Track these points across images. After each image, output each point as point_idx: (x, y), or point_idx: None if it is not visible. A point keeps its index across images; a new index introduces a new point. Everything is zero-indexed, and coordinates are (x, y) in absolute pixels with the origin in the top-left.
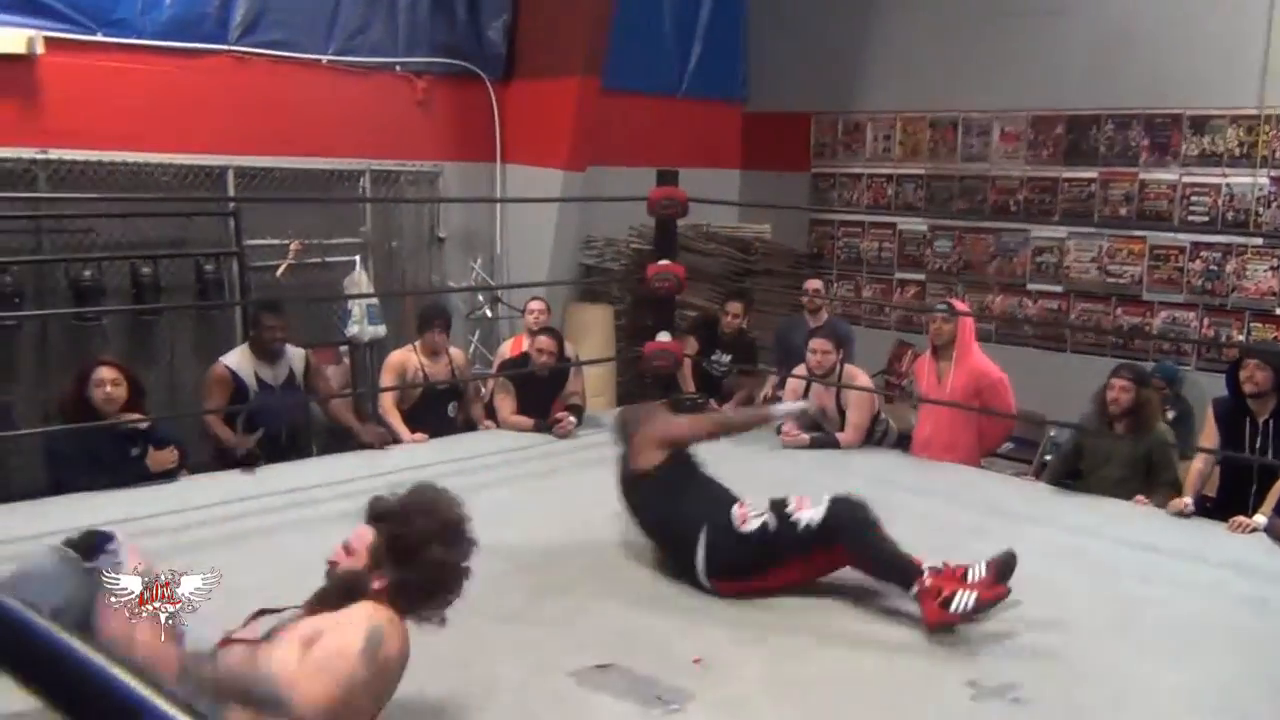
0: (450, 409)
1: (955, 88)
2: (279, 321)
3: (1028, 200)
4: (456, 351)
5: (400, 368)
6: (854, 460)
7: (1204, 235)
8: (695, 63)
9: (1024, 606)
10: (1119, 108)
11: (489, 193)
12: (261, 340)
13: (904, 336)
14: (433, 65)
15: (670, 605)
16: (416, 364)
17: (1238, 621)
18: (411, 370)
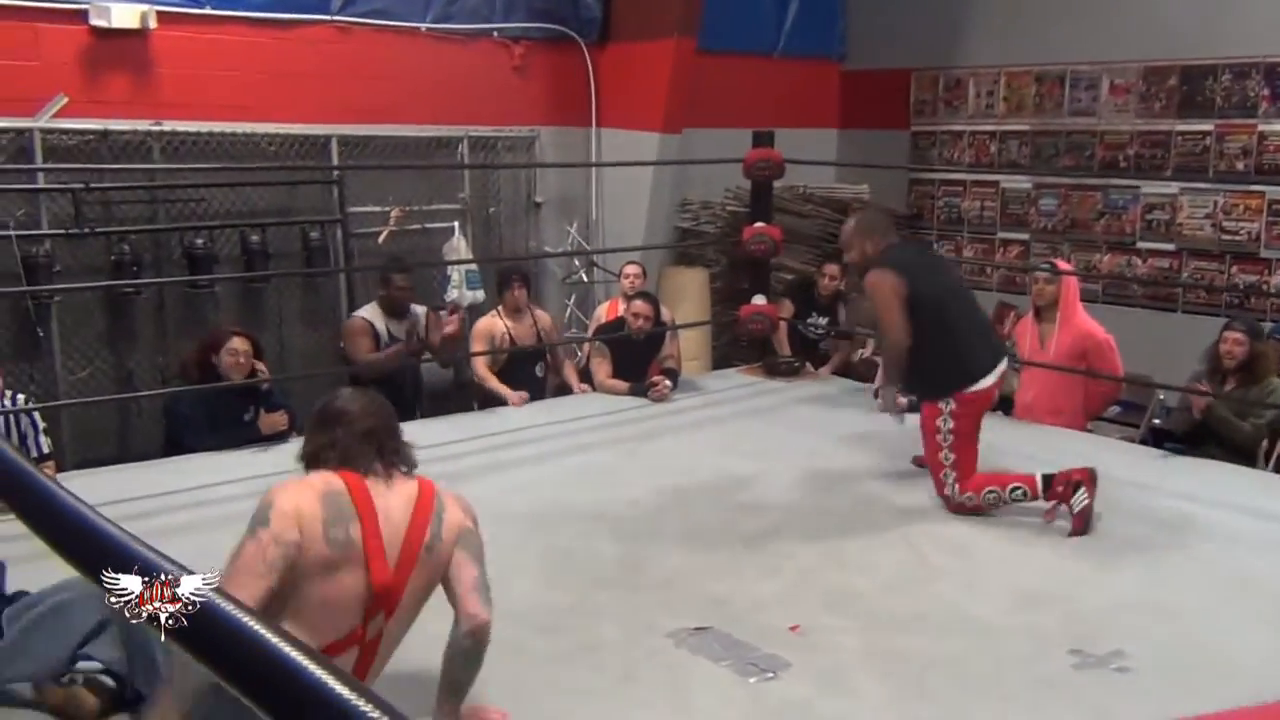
0: (538, 369)
1: (1062, 39)
2: (408, 281)
3: (1138, 155)
4: (541, 313)
5: (488, 333)
6: None
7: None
8: (792, 21)
9: (1129, 574)
10: (1237, 56)
11: (584, 157)
12: (392, 298)
13: (1006, 298)
14: (529, 30)
15: (767, 572)
16: (503, 327)
17: None
18: (499, 334)
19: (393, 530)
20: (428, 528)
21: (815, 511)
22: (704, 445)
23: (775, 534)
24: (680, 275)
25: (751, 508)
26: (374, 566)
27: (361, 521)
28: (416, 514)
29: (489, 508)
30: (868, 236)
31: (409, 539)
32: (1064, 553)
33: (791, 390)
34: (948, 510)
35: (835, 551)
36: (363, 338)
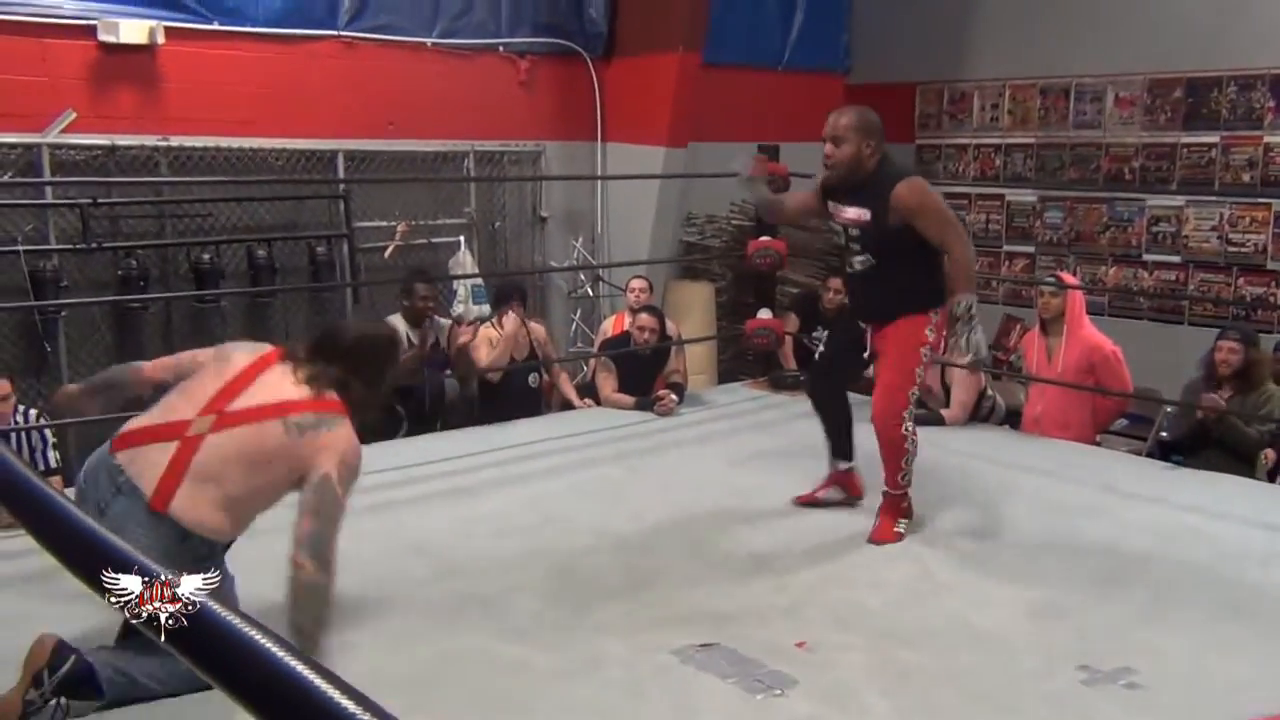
0: (531, 379)
1: (1067, 52)
2: (431, 291)
3: (1144, 168)
4: (535, 325)
5: (485, 341)
6: (960, 438)
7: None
8: (797, 34)
9: (1140, 588)
10: (1242, 68)
11: (590, 171)
12: (415, 309)
13: (1012, 311)
14: (535, 45)
15: (774, 587)
16: (497, 336)
17: None
18: (494, 346)
19: (262, 390)
20: (284, 417)
21: (822, 526)
22: (710, 460)
23: (782, 549)
24: (686, 289)
25: (758, 522)
26: (229, 387)
27: (251, 364)
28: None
29: (494, 523)
30: (868, 136)
31: (266, 405)
32: (1072, 567)
33: (797, 404)
34: (881, 433)
35: (842, 566)
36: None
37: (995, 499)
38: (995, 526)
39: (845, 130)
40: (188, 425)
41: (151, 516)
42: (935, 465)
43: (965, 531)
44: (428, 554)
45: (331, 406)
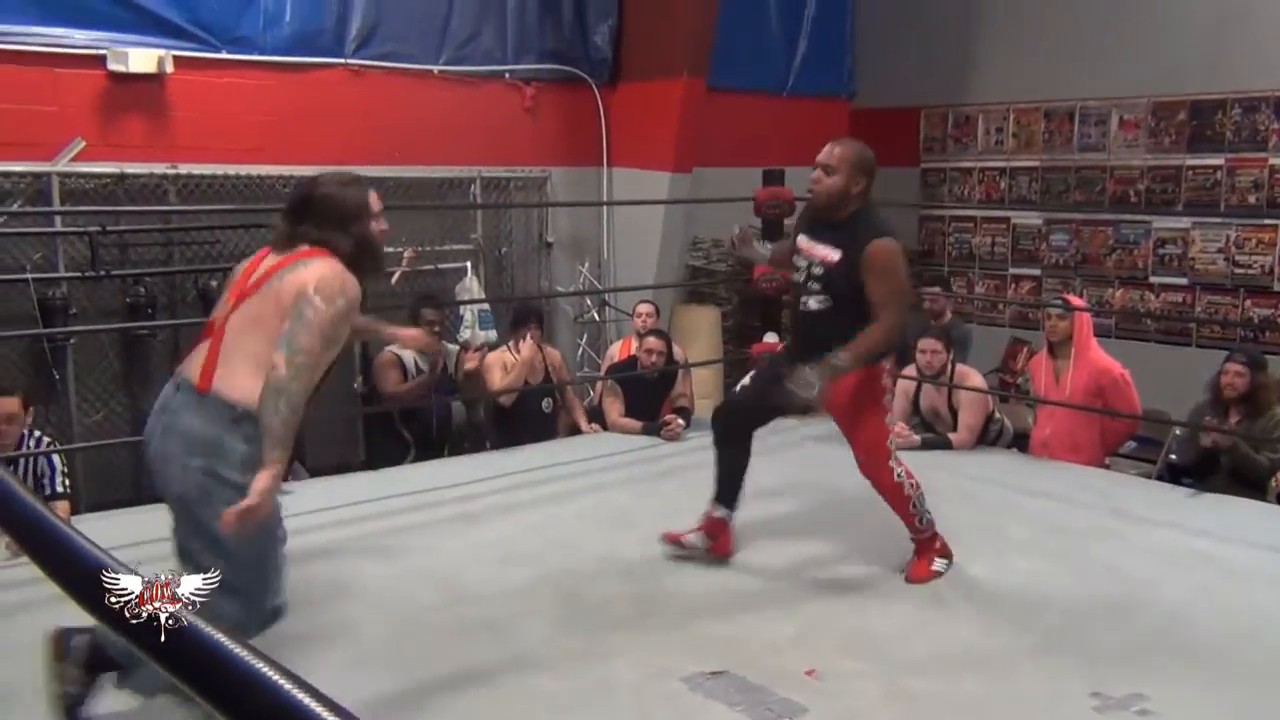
0: (544, 404)
1: (1070, 75)
2: (438, 315)
3: (1149, 190)
4: (551, 350)
5: (499, 364)
6: (967, 461)
7: None
8: (801, 59)
9: (1150, 613)
10: (1246, 90)
11: (596, 197)
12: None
13: (1019, 334)
14: (540, 72)
15: (784, 614)
16: (513, 360)
17: None
18: (507, 370)
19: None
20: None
21: (830, 551)
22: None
23: (790, 575)
24: (692, 313)
25: (766, 547)
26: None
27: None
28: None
29: (501, 548)
30: (860, 173)
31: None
32: (1082, 592)
33: (804, 428)
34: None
35: (851, 592)
36: (391, 370)
37: (1004, 523)
38: (1004, 551)
39: (839, 161)
40: (215, 320)
41: (200, 399)
42: (943, 489)
43: (974, 556)
44: (436, 579)
45: (308, 254)
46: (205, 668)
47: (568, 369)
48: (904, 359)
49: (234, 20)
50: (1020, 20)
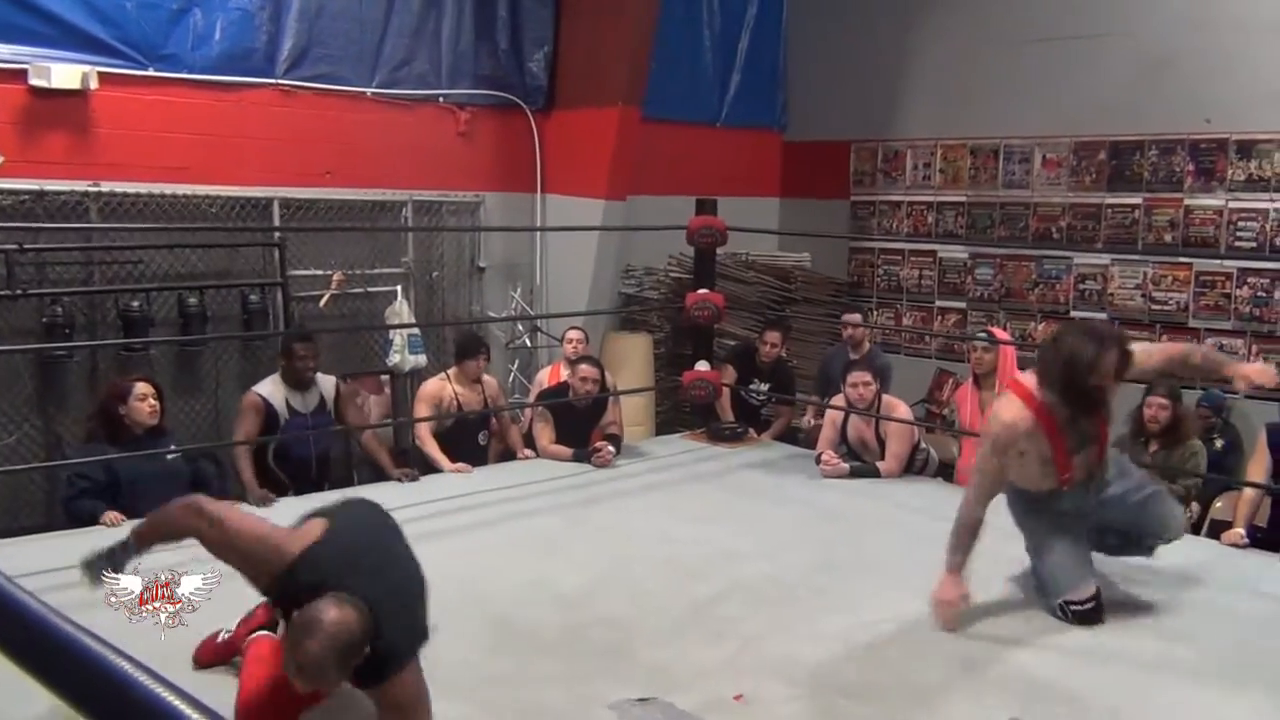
0: (481, 437)
1: (996, 114)
2: (310, 350)
3: (1070, 227)
4: (490, 379)
5: (435, 397)
6: (895, 490)
7: (1251, 261)
8: (735, 92)
9: (1072, 636)
10: (1163, 133)
11: (529, 223)
12: (294, 369)
13: (945, 365)
14: (475, 97)
15: (712, 639)
16: (451, 393)
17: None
18: (447, 399)
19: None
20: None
21: (760, 577)
22: (647, 511)
23: (720, 600)
24: (624, 341)
25: (695, 574)
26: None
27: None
28: None
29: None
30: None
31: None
32: (1005, 618)
33: (734, 456)
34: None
35: (781, 618)
36: (251, 416)
37: (930, 550)
38: (930, 577)
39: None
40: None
41: None
42: (871, 517)
43: (901, 583)
44: None
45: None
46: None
47: (505, 398)
48: (830, 390)
49: (162, 38)
50: (948, 60)
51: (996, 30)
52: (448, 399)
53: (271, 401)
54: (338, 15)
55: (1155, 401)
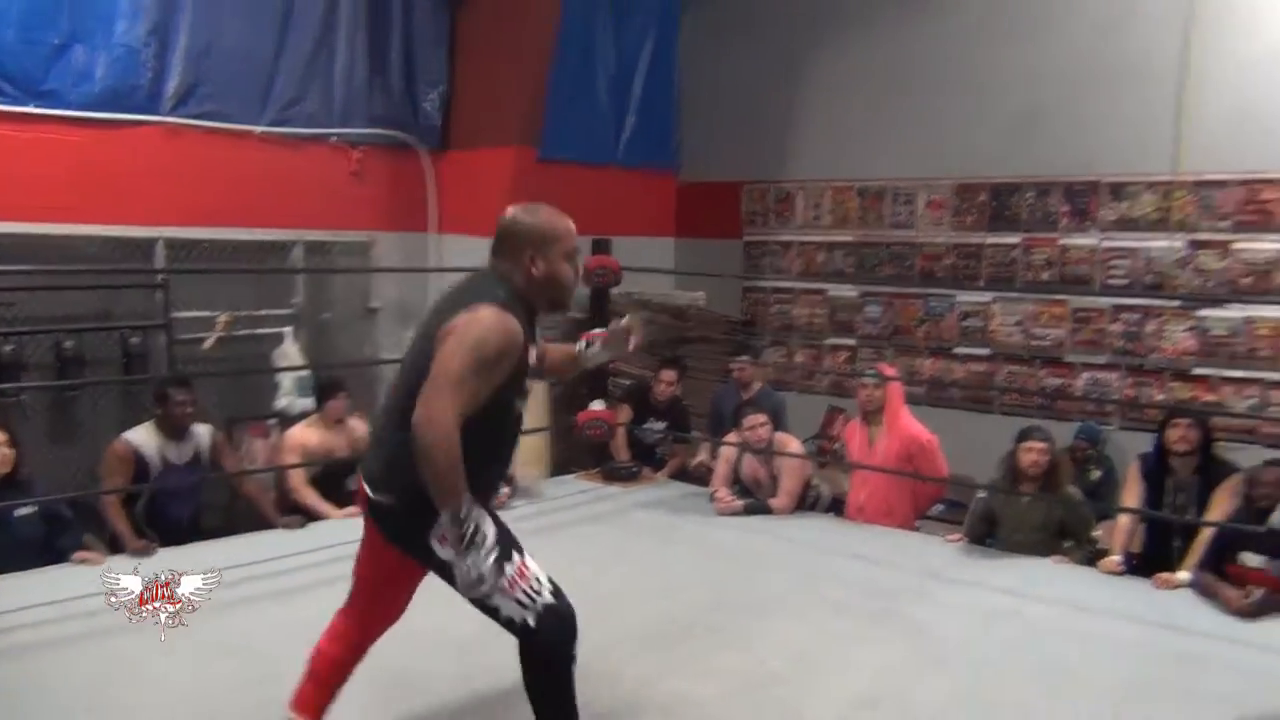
0: (350, 482)
1: (882, 157)
2: (187, 396)
3: (954, 266)
4: (356, 422)
5: (299, 444)
6: (788, 526)
7: (1123, 298)
8: (630, 133)
9: (958, 671)
10: (1039, 176)
11: (424, 263)
12: (170, 416)
13: (836, 402)
14: (368, 136)
15: (606, 681)
16: (317, 439)
17: (1169, 678)
18: (312, 446)
19: None
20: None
21: (654, 617)
22: (541, 553)
23: (614, 642)
24: None
25: (589, 615)
26: None
27: None
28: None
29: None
30: None
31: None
32: (897, 651)
33: (630, 495)
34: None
35: (675, 658)
36: (118, 467)
37: (822, 585)
38: (823, 612)
39: None
40: None
41: None
42: (764, 553)
43: (794, 618)
44: (245, 659)
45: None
46: None
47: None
48: (722, 428)
49: (41, 73)
50: (836, 104)
51: (882, 76)
52: (313, 445)
53: (143, 451)
54: (226, 53)
55: (1036, 447)
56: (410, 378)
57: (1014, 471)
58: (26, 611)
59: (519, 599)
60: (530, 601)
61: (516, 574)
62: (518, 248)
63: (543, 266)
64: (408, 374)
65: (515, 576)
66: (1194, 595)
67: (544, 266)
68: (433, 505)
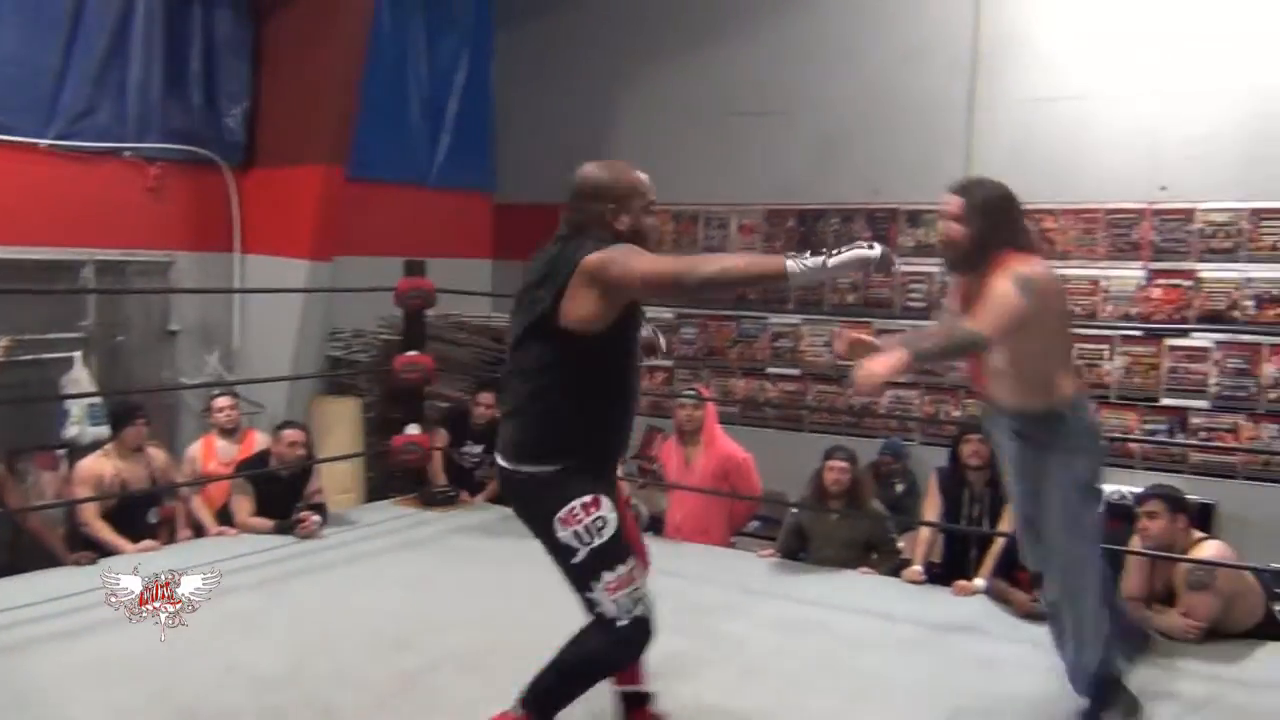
0: (151, 514)
1: (695, 182)
2: None
3: (765, 289)
4: (156, 451)
5: (94, 475)
6: None
7: (922, 320)
8: (444, 153)
9: (774, 682)
10: (843, 202)
11: (226, 284)
12: None
13: (654, 422)
14: (166, 151)
15: (424, 711)
16: (113, 470)
17: (967, 680)
18: (108, 477)
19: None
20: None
21: (474, 644)
22: (356, 582)
23: (432, 670)
24: (331, 405)
25: (406, 644)
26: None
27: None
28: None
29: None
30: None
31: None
32: (710, 668)
33: (448, 520)
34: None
35: (493, 681)
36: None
37: None
38: None
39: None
40: None
41: None
42: None
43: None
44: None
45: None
46: None
47: (176, 468)
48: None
49: None
50: (650, 130)
51: (692, 103)
52: (109, 476)
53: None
54: (7, 60)
55: (836, 465)
56: (525, 340)
57: (820, 489)
58: None
59: (617, 601)
60: (630, 607)
61: (623, 579)
62: (598, 203)
63: (627, 221)
64: (521, 338)
65: (621, 580)
66: (989, 601)
67: (628, 220)
68: (563, 483)
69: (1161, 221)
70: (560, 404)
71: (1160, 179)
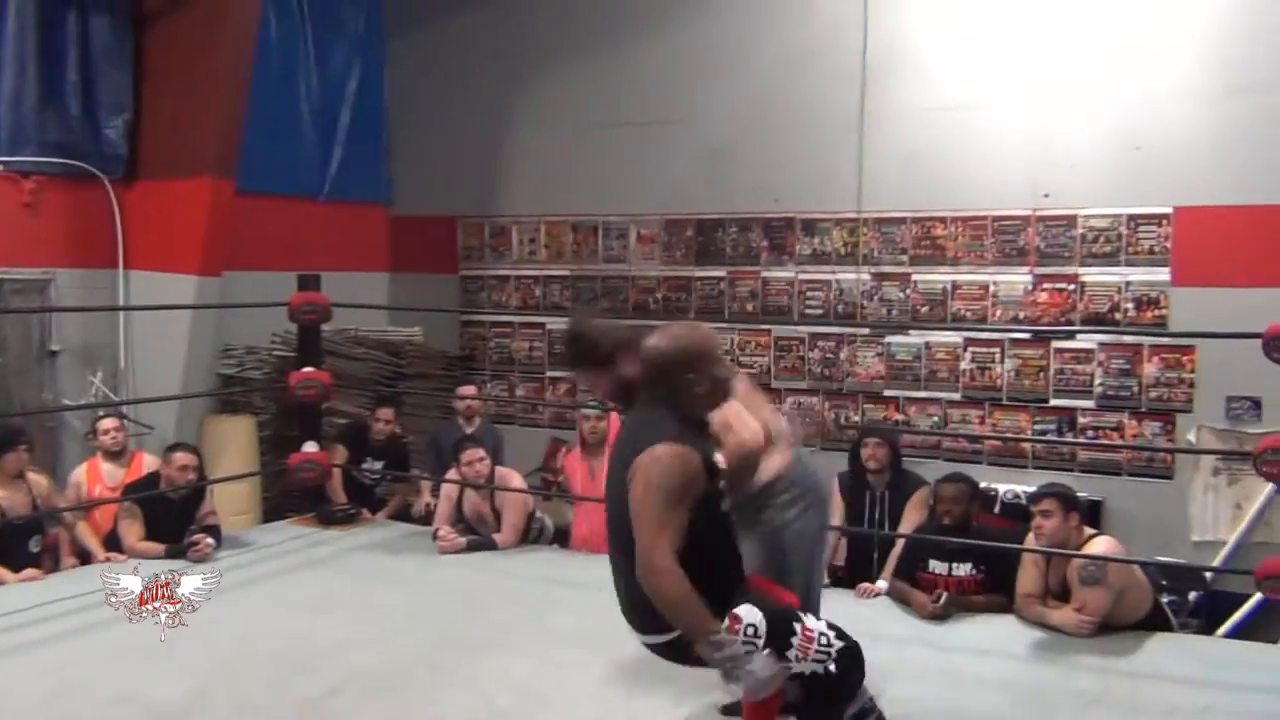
0: (33, 543)
1: (593, 192)
2: None
3: (666, 298)
4: (37, 477)
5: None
6: (512, 561)
7: (819, 326)
8: (337, 166)
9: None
10: (740, 212)
11: (110, 301)
12: None
13: (558, 434)
14: (42, 164)
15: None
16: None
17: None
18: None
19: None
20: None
21: (377, 663)
22: (254, 604)
23: (335, 693)
24: (224, 424)
25: (307, 667)
26: None
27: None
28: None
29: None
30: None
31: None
32: (620, 678)
33: (348, 538)
34: None
35: (399, 701)
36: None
37: (551, 616)
38: (551, 643)
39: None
40: None
41: None
42: (490, 589)
43: (522, 653)
44: None
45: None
46: None
47: (58, 493)
48: (442, 465)
49: None
50: (546, 140)
51: (587, 112)
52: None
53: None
54: None
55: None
56: (617, 511)
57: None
58: None
59: (815, 658)
60: (825, 656)
61: (802, 645)
62: (678, 375)
63: (706, 385)
64: (614, 509)
65: (803, 647)
66: (890, 602)
67: (707, 384)
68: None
69: (1045, 228)
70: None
71: (1044, 187)
